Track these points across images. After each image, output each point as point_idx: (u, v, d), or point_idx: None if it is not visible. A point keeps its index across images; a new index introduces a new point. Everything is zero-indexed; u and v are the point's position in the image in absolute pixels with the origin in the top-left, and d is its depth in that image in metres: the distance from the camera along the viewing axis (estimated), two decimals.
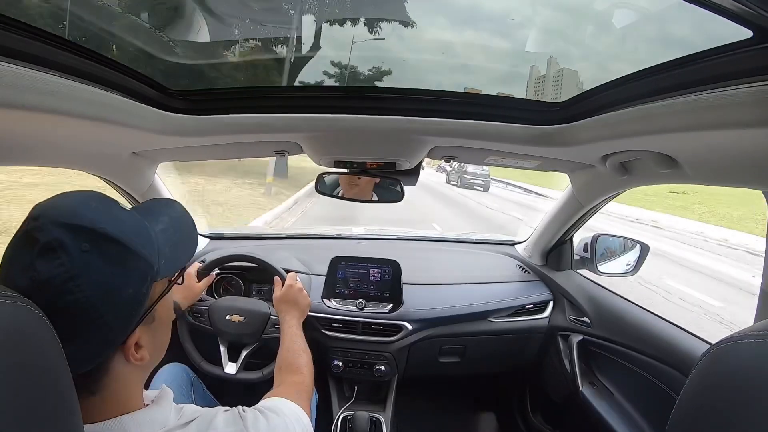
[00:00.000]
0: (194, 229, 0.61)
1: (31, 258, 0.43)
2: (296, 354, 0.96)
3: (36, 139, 0.65)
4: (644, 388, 1.06)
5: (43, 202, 0.47)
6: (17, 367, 0.33)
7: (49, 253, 0.43)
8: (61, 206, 0.46)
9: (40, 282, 0.42)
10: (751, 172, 0.65)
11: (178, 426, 0.53)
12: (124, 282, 0.47)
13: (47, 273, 0.43)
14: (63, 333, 0.41)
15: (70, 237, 0.44)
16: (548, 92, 5.63)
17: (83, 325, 0.44)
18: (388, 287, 1.35)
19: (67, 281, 0.43)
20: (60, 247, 0.43)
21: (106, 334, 0.46)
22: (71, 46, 0.54)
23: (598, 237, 1.37)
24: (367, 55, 2.84)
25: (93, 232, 0.45)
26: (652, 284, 4.79)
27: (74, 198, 0.48)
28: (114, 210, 0.49)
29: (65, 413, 0.38)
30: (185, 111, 0.77)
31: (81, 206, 0.47)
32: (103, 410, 0.49)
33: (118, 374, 0.50)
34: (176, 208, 0.60)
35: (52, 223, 0.44)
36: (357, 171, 1.11)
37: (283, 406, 0.67)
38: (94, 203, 0.48)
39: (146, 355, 0.52)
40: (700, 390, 0.38)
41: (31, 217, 0.45)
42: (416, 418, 1.65)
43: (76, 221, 0.45)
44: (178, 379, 1.09)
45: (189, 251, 0.60)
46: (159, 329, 0.56)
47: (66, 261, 0.43)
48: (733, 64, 0.47)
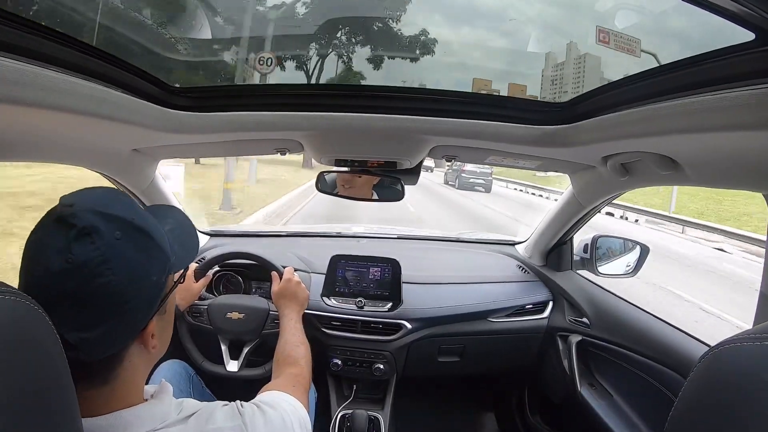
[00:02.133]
0: (195, 232, 0.67)
1: (68, 241, 0.45)
2: (294, 346, 0.96)
3: (37, 135, 0.65)
4: (643, 389, 1.06)
5: (72, 193, 0.50)
6: (16, 362, 0.33)
7: (85, 237, 0.46)
8: (94, 197, 0.50)
9: (77, 264, 0.45)
10: (752, 175, 0.65)
11: (178, 420, 0.54)
12: (149, 269, 0.51)
13: (84, 255, 0.45)
14: (91, 316, 0.46)
15: (104, 224, 0.47)
16: (568, 81, 5.19)
17: (112, 307, 0.47)
18: (387, 286, 1.35)
19: (101, 264, 0.45)
20: (96, 232, 0.46)
21: (131, 319, 0.50)
22: (73, 43, 0.54)
23: (598, 238, 1.37)
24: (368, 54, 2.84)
25: (124, 222, 0.49)
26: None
27: (103, 191, 0.52)
28: (137, 207, 0.53)
29: (64, 408, 0.38)
30: (186, 108, 0.77)
31: (111, 199, 0.50)
32: (109, 402, 0.51)
33: (131, 364, 0.52)
34: (178, 213, 0.66)
35: (87, 211, 0.47)
36: (358, 169, 1.11)
37: (280, 400, 0.68)
38: (122, 198, 0.52)
39: (158, 345, 0.56)
40: (699, 392, 0.39)
41: (64, 204, 0.47)
42: (415, 418, 1.65)
43: (110, 210, 0.48)
44: (178, 375, 1.10)
45: (194, 250, 0.64)
46: (168, 322, 0.60)
47: (101, 245, 0.46)
48: (734, 66, 0.47)
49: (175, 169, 6.57)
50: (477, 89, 0.91)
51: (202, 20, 0.79)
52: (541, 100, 0.82)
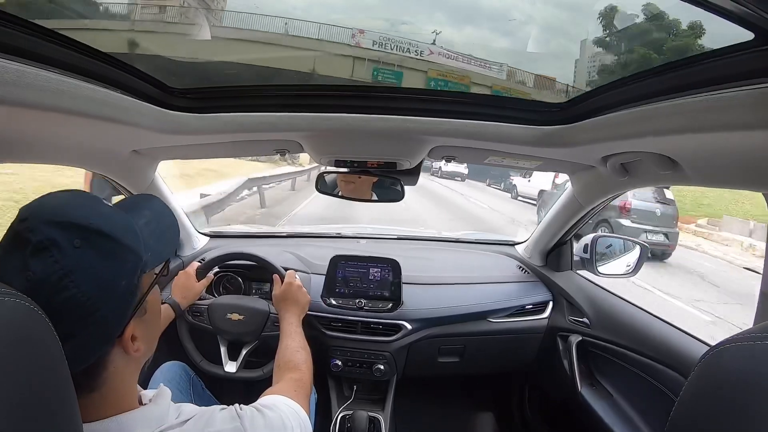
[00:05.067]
0: (175, 222, 0.62)
1: (24, 259, 0.43)
2: (295, 351, 0.96)
3: (37, 136, 0.65)
4: (643, 389, 1.06)
5: (29, 204, 0.47)
6: (16, 365, 0.33)
7: (42, 252, 0.43)
8: (49, 205, 0.46)
9: (36, 281, 0.42)
10: (751, 174, 0.65)
11: (176, 424, 0.54)
12: (117, 275, 0.47)
13: (42, 272, 0.43)
14: (62, 331, 0.41)
15: (62, 234, 0.44)
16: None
17: (81, 320, 0.45)
18: (387, 287, 1.35)
19: (62, 278, 0.43)
20: (53, 245, 0.43)
21: (103, 328, 0.47)
22: (73, 44, 0.54)
23: (598, 238, 1.37)
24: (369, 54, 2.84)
25: (83, 228, 0.45)
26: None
27: (61, 197, 0.48)
28: (100, 206, 0.50)
29: (65, 411, 0.38)
30: (186, 109, 0.77)
31: (68, 204, 0.47)
32: (102, 408, 0.50)
33: (116, 369, 0.50)
34: (156, 202, 0.61)
35: (42, 223, 0.44)
36: (357, 170, 1.11)
37: (281, 404, 0.67)
38: (80, 201, 0.49)
39: (142, 347, 0.53)
40: (700, 392, 0.38)
41: (19, 219, 0.45)
42: (415, 418, 1.65)
43: (66, 218, 0.45)
44: (177, 377, 1.09)
45: (172, 243, 0.62)
46: (150, 321, 0.57)
47: (60, 258, 0.43)
48: (734, 65, 0.47)
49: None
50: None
51: (201, 21, 0.79)
52: (541, 101, 0.81)
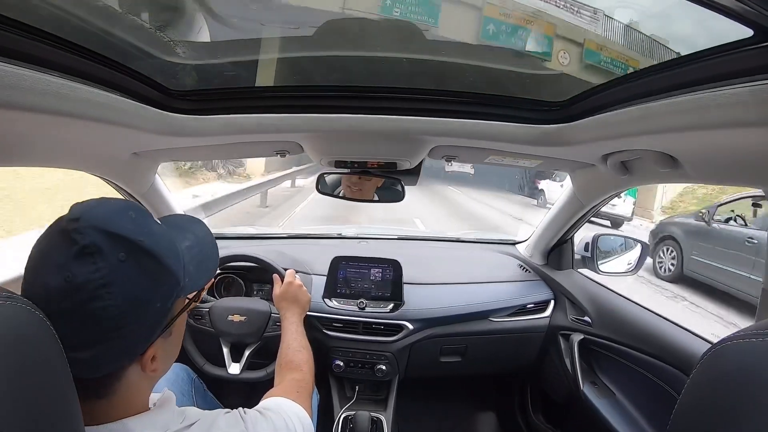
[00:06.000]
0: (216, 251, 0.62)
1: (67, 258, 0.43)
2: (296, 351, 0.96)
3: (36, 139, 0.65)
4: (645, 387, 1.06)
5: (82, 204, 0.46)
6: (17, 369, 0.33)
7: (86, 257, 0.43)
8: (102, 212, 0.46)
9: (75, 284, 0.42)
10: (751, 171, 0.65)
11: (180, 429, 0.53)
12: (153, 295, 0.47)
13: (83, 276, 0.42)
14: (85, 338, 0.43)
15: (109, 244, 0.44)
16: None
17: (108, 332, 0.44)
18: (389, 287, 1.35)
19: (100, 287, 0.43)
20: (98, 252, 0.43)
21: (127, 344, 0.47)
22: (72, 47, 0.54)
23: (599, 236, 1.37)
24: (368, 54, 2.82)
25: (131, 243, 0.45)
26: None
27: (114, 206, 0.48)
28: (150, 223, 0.50)
29: (66, 415, 0.38)
30: (186, 111, 0.77)
31: (120, 215, 0.47)
32: (109, 413, 0.50)
33: (129, 382, 0.50)
34: (201, 227, 0.61)
35: (92, 228, 0.44)
36: (358, 171, 1.11)
37: (284, 406, 0.67)
38: (132, 214, 0.48)
39: (159, 367, 0.53)
40: (702, 389, 0.38)
41: (70, 218, 0.44)
42: (417, 418, 1.65)
43: (116, 230, 0.45)
44: (180, 379, 1.09)
45: (210, 271, 0.60)
46: (173, 342, 0.57)
47: (102, 267, 0.43)
48: (733, 63, 0.47)
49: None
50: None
51: (200, 23, 0.79)
52: (541, 99, 0.81)
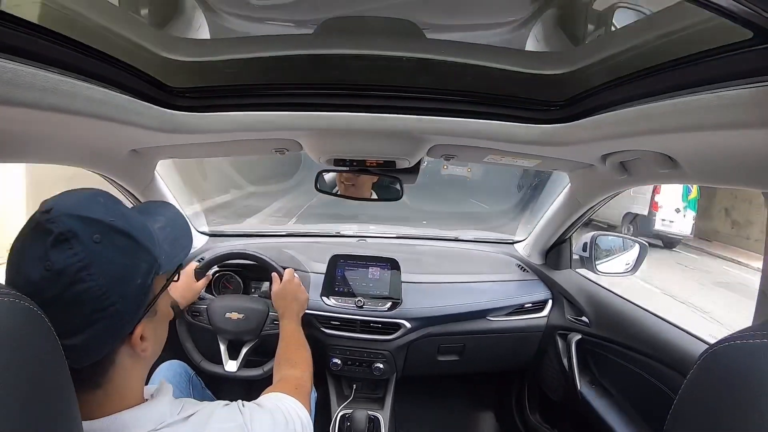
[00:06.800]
0: (188, 229, 0.65)
1: (45, 249, 0.44)
2: (295, 349, 0.96)
3: (35, 136, 0.64)
4: (642, 387, 1.07)
5: (52, 198, 0.48)
6: (15, 364, 0.33)
7: (63, 243, 0.44)
8: (72, 200, 0.48)
9: (55, 271, 0.44)
10: (750, 173, 0.65)
11: (178, 420, 0.54)
12: (132, 272, 0.49)
13: (62, 262, 0.44)
14: (76, 322, 0.44)
15: (83, 228, 0.45)
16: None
17: (95, 313, 0.46)
18: (387, 285, 1.35)
19: (80, 270, 0.44)
20: (74, 237, 0.45)
21: (116, 323, 0.48)
22: (71, 43, 0.54)
23: (598, 236, 1.37)
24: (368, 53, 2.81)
25: (104, 224, 0.47)
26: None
27: (83, 194, 0.50)
28: (120, 207, 0.52)
29: (63, 410, 0.38)
30: (185, 108, 0.77)
31: (90, 201, 0.49)
32: (104, 405, 0.50)
33: (123, 366, 0.51)
34: (171, 209, 0.63)
35: (64, 215, 0.45)
36: (356, 169, 1.11)
37: (283, 401, 0.68)
38: (102, 199, 0.50)
39: (149, 348, 0.54)
40: (698, 390, 0.39)
41: (42, 210, 0.46)
42: (414, 417, 1.65)
43: (88, 213, 0.46)
44: (177, 376, 1.10)
45: (185, 249, 0.62)
46: (159, 323, 0.58)
47: (80, 250, 0.45)
48: (732, 64, 0.47)
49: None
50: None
51: (200, 20, 0.79)
52: (540, 99, 0.81)
